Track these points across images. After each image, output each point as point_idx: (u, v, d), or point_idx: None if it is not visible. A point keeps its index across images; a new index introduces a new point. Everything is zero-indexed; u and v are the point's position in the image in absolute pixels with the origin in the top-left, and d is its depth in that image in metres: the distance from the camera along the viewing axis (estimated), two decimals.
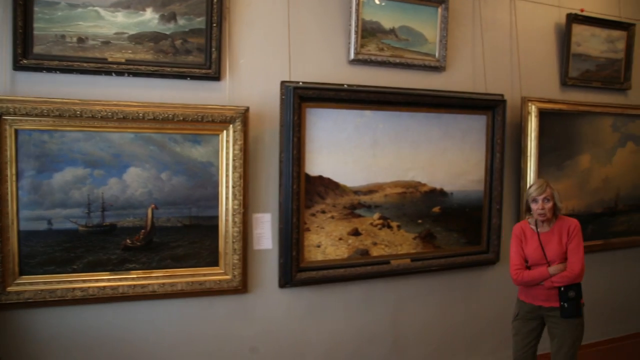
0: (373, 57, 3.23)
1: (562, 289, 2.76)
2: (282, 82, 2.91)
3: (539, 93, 3.80)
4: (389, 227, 3.24)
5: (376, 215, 3.19)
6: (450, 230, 3.41)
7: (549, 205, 2.81)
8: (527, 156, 3.66)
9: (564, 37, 3.92)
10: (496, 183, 3.47)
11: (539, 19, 3.90)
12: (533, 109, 3.66)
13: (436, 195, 3.34)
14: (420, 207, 3.29)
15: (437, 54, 3.43)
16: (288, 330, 3.05)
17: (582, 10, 3.97)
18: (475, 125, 3.44)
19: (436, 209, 3.35)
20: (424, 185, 3.30)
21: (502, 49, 3.73)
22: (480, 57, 3.63)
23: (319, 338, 3.14)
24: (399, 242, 3.26)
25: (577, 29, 3.94)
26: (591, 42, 4.01)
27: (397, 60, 3.30)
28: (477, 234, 3.53)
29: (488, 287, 3.68)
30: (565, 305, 2.76)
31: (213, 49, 2.80)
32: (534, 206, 2.87)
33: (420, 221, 3.30)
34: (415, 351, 3.43)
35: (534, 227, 2.93)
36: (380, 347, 3.31)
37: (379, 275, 3.21)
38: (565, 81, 3.95)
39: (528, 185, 3.16)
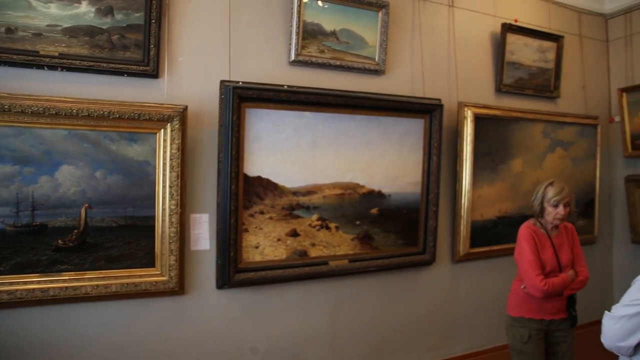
0: (314, 59, 3.56)
1: (574, 296, 2.82)
2: (222, 82, 3.19)
3: (475, 98, 4.30)
4: (328, 228, 3.57)
5: (315, 217, 3.51)
6: (388, 232, 3.80)
7: (568, 210, 2.86)
8: (462, 159, 4.13)
9: (499, 45, 4.46)
10: (433, 185, 3.91)
11: (475, 27, 4.41)
12: (469, 114, 4.14)
13: (374, 196, 3.71)
14: (358, 208, 3.65)
15: (377, 58, 3.81)
16: (225, 332, 3.32)
17: (516, 21, 4.52)
18: (413, 129, 3.85)
19: (374, 211, 3.72)
20: (363, 186, 3.66)
21: (441, 55, 4.19)
22: (419, 62, 4.06)
23: (257, 339, 3.43)
24: (337, 243, 3.60)
25: (511, 38, 4.48)
26: (524, 52, 4.57)
27: (338, 62, 3.64)
28: (414, 236, 3.94)
29: (424, 288, 4.12)
30: (574, 313, 2.82)
31: (151, 46, 3.01)
32: (552, 210, 2.89)
33: (358, 222, 3.66)
34: (354, 352, 3.80)
35: (543, 231, 2.99)
36: (319, 348, 3.65)
37: (317, 276, 3.55)
38: (500, 88, 4.48)
39: (543, 187, 3.04)
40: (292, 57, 3.49)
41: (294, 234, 3.45)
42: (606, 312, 1.95)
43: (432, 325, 4.18)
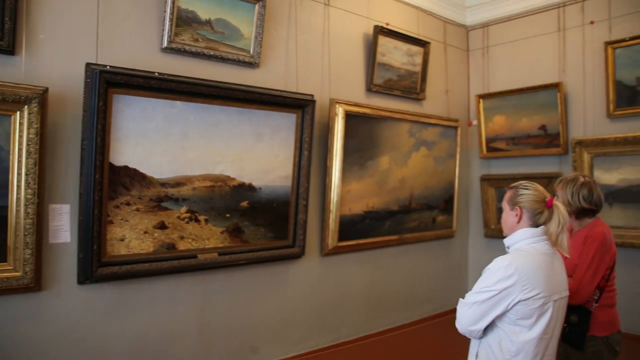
0: (187, 47, 3.74)
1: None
2: (88, 64, 3.26)
3: (346, 96, 4.78)
4: (197, 220, 3.78)
5: (184, 209, 3.70)
6: (258, 225, 4.11)
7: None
8: (333, 155, 4.59)
9: (371, 46, 5.00)
10: (303, 180, 4.30)
11: (349, 27, 4.90)
12: (340, 111, 4.59)
13: (245, 189, 4.00)
14: (228, 201, 3.92)
15: (252, 50, 4.09)
16: (88, 330, 3.40)
17: (387, 24, 5.09)
18: (285, 123, 4.20)
19: (244, 204, 4.01)
20: (233, 179, 3.94)
21: (315, 52, 4.60)
22: (294, 58, 4.42)
23: (122, 337, 3.55)
24: (207, 236, 3.84)
25: (383, 41, 5.03)
26: (394, 54, 5.15)
27: (212, 52, 3.87)
28: (284, 229, 4.30)
29: (294, 280, 4.53)
30: (566, 328, 2.69)
31: (6, 18, 2.99)
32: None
33: (228, 215, 3.93)
34: (223, 345, 4.08)
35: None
36: (187, 343, 3.87)
37: (185, 269, 3.77)
38: (370, 87, 5.01)
39: (580, 186, 2.83)
40: (165, 44, 3.64)
41: (162, 226, 3.61)
42: (460, 299, 2.19)
43: (301, 317, 4.58)
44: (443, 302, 5.92)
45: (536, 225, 2.19)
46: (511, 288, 2.02)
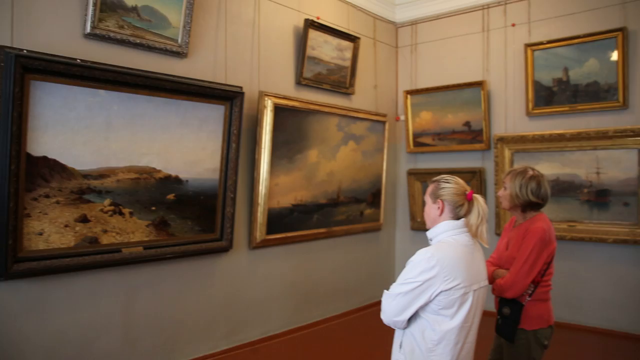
0: (112, 34, 3.71)
1: (501, 299, 2.84)
2: (2, 47, 3.15)
3: (276, 89, 4.88)
4: (121, 214, 3.76)
5: (107, 201, 3.68)
6: (185, 218, 4.14)
7: (502, 191, 2.95)
8: (261, 148, 4.67)
9: (301, 40, 5.12)
10: (231, 172, 4.35)
11: (280, 19, 5.00)
12: (269, 104, 4.68)
13: (171, 182, 4.01)
14: (154, 193, 3.93)
15: (179, 40, 4.10)
16: (2, 329, 3.29)
17: (318, 18, 5.21)
18: (213, 115, 4.24)
19: (171, 196, 4.03)
20: (159, 171, 3.94)
21: (244, 43, 4.66)
22: (223, 49, 4.46)
23: (41, 335, 3.48)
24: (132, 230, 3.82)
25: (313, 34, 5.15)
26: (324, 48, 5.29)
27: (138, 40, 3.85)
28: (212, 222, 4.35)
29: (222, 274, 4.60)
30: (499, 320, 2.84)
31: None
32: None
33: (154, 208, 3.93)
34: (148, 341, 4.09)
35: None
36: (110, 340, 3.85)
37: (109, 264, 3.75)
38: (300, 80, 5.13)
39: (529, 179, 2.85)
40: (88, 30, 3.59)
41: (84, 219, 3.57)
42: (385, 291, 2.25)
43: (229, 312, 4.66)
44: (371, 293, 6.17)
45: (457, 218, 2.30)
46: (433, 279, 2.11)
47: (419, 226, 6.46)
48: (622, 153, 5.10)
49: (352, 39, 5.65)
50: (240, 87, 4.45)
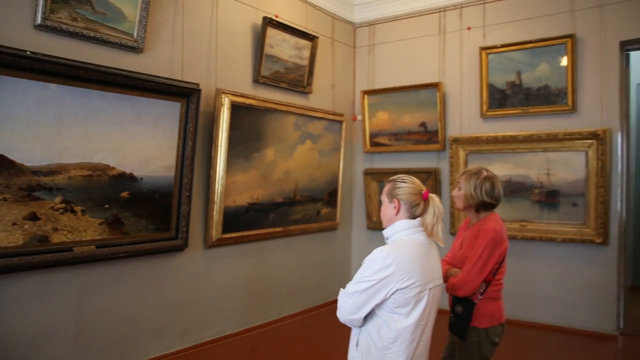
0: (64, 26, 3.65)
1: (454, 298, 2.91)
2: None
3: (233, 87, 4.90)
4: (73, 211, 3.71)
5: (58, 199, 3.62)
6: (139, 216, 4.11)
7: (457, 191, 3.00)
8: (218, 146, 4.68)
9: (259, 37, 5.15)
10: (187, 170, 4.35)
11: (238, 16, 5.02)
12: (226, 101, 4.69)
13: (125, 179, 3.98)
14: (108, 191, 3.89)
15: (135, 34, 4.07)
16: None
17: (276, 16, 5.26)
18: (169, 112, 4.23)
19: (125, 194, 3.99)
20: (113, 168, 3.90)
21: (202, 40, 4.67)
22: (180, 45, 4.46)
23: None
24: (84, 228, 3.78)
25: (271, 32, 5.19)
26: (282, 47, 5.33)
27: (92, 34, 3.81)
28: (167, 221, 4.33)
29: (177, 273, 4.59)
30: (452, 318, 2.92)
31: None
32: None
33: (107, 206, 3.89)
34: (101, 342, 4.04)
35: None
36: (61, 342, 3.79)
37: (60, 264, 3.68)
38: (257, 79, 5.16)
39: (483, 179, 2.94)
40: (39, 21, 3.53)
41: (33, 217, 3.51)
42: (341, 289, 2.28)
43: (184, 311, 4.65)
44: (327, 292, 6.25)
45: (413, 217, 2.35)
46: (389, 277, 2.15)
47: (375, 225, 6.58)
48: (571, 155, 5.34)
49: (310, 38, 5.71)
50: (197, 84, 4.44)
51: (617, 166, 5.21)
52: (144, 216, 4.18)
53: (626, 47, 5.28)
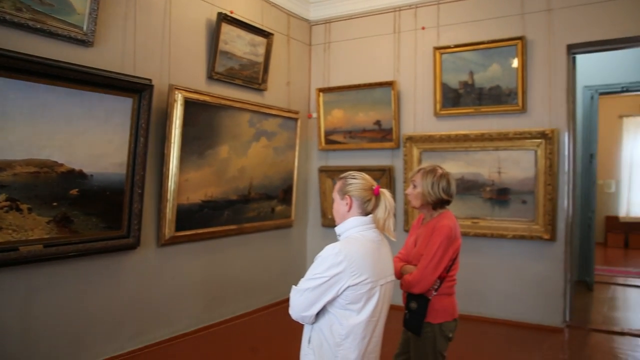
0: (8, 17, 3.56)
1: (409, 295, 2.96)
2: None
3: (187, 83, 4.87)
4: (18, 209, 3.62)
5: (2, 196, 3.54)
6: (90, 214, 4.04)
7: (411, 189, 3.04)
8: (171, 143, 4.65)
9: (214, 33, 5.14)
10: (139, 167, 4.31)
11: (192, 11, 4.99)
12: (180, 98, 4.66)
13: (75, 176, 3.91)
14: (56, 188, 3.80)
15: (85, 27, 4.00)
16: None
17: (232, 12, 5.25)
18: (120, 107, 4.17)
19: (74, 192, 3.92)
20: (61, 165, 3.83)
21: (155, 35, 4.62)
22: (132, 39, 4.41)
23: None
24: (30, 227, 3.69)
25: (226, 28, 5.17)
26: (237, 43, 5.33)
27: (38, 25, 3.71)
28: (118, 219, 4.27)
29: (129, 272, 4.53)
30: (407, 314, 2.96)
31: None
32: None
33: (55, 204, 3.81)
34: (49, 345, 3.94)
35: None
36: (6, 345, 3.67)
37: (5, 264, 3.57)
38: (212, 75, 5.14)
39: (439, 177, 3.01)
40: None
41: None
42: (293, 286, 2.28)
43: (136, 311, 4.59)
44: (282, 290, 6.28)
45: (365, 213, 2.38)
46: (341, 274, 2.16)
47: (330, 223, 6.64)
48: (521, 154, 5.54)
49: (265, 34, 5.72)
50: (150, 80, 4.38)
51: (564, 165, 5.44)
52: (94, 214, 4.11)
53: (573, 50, 5.51)
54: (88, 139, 3.99)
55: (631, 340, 5.22)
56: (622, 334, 5.41)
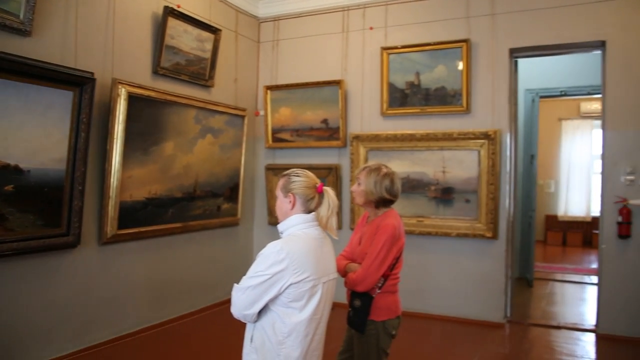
0: None
1: (353, 292, 2.98)
2: None
3: (131, 77, 4.79)
4: None
5: None
6: (26, 212, 3.91)
7: (356, 186, 3.06)
8: (113, 138, 4.56)
9: (160, 27, 5.05)
10: (79, 163, 4.20)
11: (138, 4, 4.92)
12: (123, 92, 4.58)
13: (10, 172, 3.77)
14: None
15: (22, 16, 3.86)
16: None
17: (178, 6, 5.19)
18: (60, 101, 4.06)
19: (9, 188, 3.79)
20: None
21: (98, 27, 4.52)
22: (73, 30, 4.29)
23: None
24: None
25: (172, 23, 5.12)
26: (183, 38, 5.27)
27: None
28: (57, 216, 4.16)
29: (69, 272, 4.40)
30: (351, 312, 2.98)
31: None
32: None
33: None
34: None
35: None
36: None
37: None
38: (157, 70, 5.07)
39: (383, 176, 3.03)
40: None
41: None
42: (235, 284, 2.26)
43: (76, 312, 4.47)
44: (228, 289, 6.02)
45: (309, 211, 2.39)
46: (283, 272, 2.16)
47: (277, 221, 6.62)
48: (464, 154, 5.72)
49: (213, 30, 5.68)
50: (92, 73, 4.27)
51: (506, 165, 5.65)
52: (31, 211, 3.97)
53: (515, 54, 5.73)
54: (25, 133, 3.86)
55: (567, 334, 5.48)
56: (559, 327, 5.68)
